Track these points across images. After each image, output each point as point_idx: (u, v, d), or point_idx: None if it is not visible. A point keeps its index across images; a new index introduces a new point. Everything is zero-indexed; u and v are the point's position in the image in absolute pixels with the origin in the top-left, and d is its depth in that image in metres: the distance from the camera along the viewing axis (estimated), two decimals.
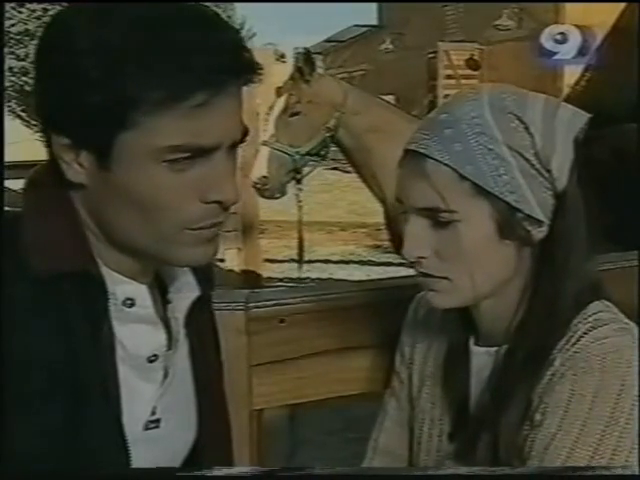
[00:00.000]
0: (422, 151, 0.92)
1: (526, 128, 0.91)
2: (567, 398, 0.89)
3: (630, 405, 0.88)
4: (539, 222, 0.93)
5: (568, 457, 0.87)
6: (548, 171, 0.92)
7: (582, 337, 0.91)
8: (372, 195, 3.23)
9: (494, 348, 0.99)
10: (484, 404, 0.98)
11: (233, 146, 0.80)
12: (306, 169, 3.17)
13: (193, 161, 0.77)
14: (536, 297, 0.96)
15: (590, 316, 0.93)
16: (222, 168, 0.79)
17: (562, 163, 0.92)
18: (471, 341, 1.03)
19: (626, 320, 0.94)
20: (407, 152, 0.95)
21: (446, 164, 0.90)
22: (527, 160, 0.91)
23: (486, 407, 0.97)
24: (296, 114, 3.01)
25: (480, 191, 0.91)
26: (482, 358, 1.00)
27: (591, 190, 0.95)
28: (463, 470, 0.87)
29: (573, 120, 0.94)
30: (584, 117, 0.95)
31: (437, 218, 0.93)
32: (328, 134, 3.07)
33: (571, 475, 0.74)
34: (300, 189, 3.16)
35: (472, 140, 0.90)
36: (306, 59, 3.03)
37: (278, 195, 3.16)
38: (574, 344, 0.91)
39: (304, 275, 6.27)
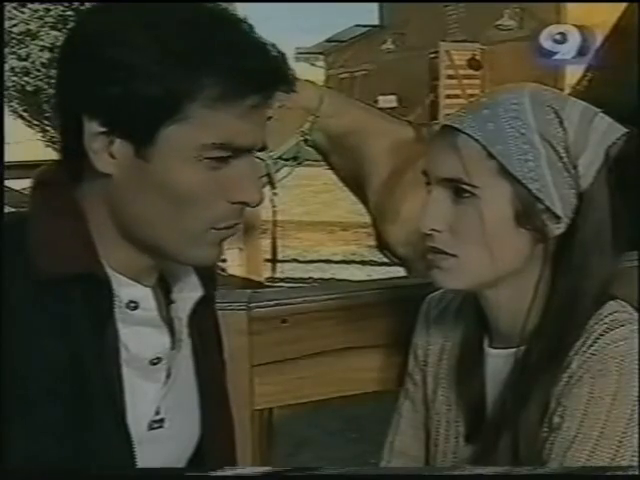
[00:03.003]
0: (456, 125, 0.94)
1: (561, 122, 0.93)
2: (586, 401, 0.89)
3: None
4: (558, 218, 0.94)
5: (588, 459, 0.88)
6: (575, 167, 0.93)
7: (598, 339, 0.91)
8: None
9: (512, 350, 0.99)
10: (503, 406, 0.98)
11: (258, 150, 0.84)
12: (281, 174, 3.16)
13: (227, 161, 0.79)
14: (554, 298, 0.96)
15: (606, 317, 0.93)
16: (250, 170, 0.82)
17: (590, 163, 0.93)
18: (485, 343, 1.03)
19: None
20: (443, 127, 0.96)
21: (477, 139, 0.92)
22: (556, 152, 0.92)
23: (505, 409, 0.97)
24: (267, 119, 2.99)
25: (504, 172, 0.92)
26: (498, 360, 1.00)
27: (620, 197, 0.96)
28: (467, 470, 0.88)
29: (609, 130, 0.95)
30: (620, 130, 0.95)
31: (458, 191, 0.94)
32: (302, 138, 3.06)
33: (571, 475, 0.75)
34: (275, 193, 3.14)
35: (506, 122, 0.92)
36: None
37: None
38: (590, 346, 0.91)
39: (306, 275, 6.31)
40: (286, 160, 3.12)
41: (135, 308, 0.84)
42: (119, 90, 0.75)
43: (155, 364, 0.87)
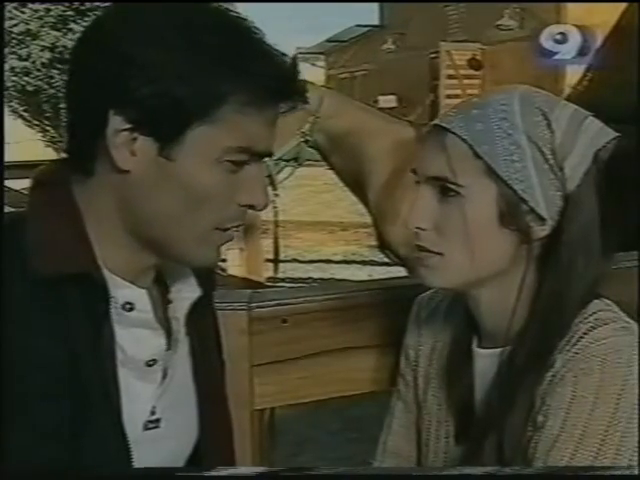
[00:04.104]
0: (445, 125, 0.94)
1: (549, 124, 0.93)
2: (568, 400, 0.89)
3: (632, 405, 0.88)
4: (542, 220, 0.94)
5: (571, 459, 0.88)
6: (561, 169, 0.93)
7: (582, 338, 0.91)
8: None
9: (498, 350, 0.99)
10: (489, 406, 0.98)
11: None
12: (282, 175, 3.15)
13: (243, 164, 0.81)
14: (539, 300, 0.96)
15: (590, 315, 0.93)
16: (260, 175, 0.84)
17: (577, 165, 0.93)
18: (474, 343, 1.03)
19: (627, 319, 0.95)
20: (433, 126, 0.97)
21: (464, 139, 0.92)
22: (542, 153, 0.92)
23: (491, 409, 0.97)
24: None
25: (490, 173, 0.92)
26: (486, 360, 1.00)
27: (611, 199, 0.96)
28: (466, 470, 0.88)
29: (599, 134, 0.95)
30: (611, 134, 0.95)
31: (444, 191, 0.94)
32: (302, 139, 3.05)
33: (571, 475, 0.75)
34: (276, 195, 3.14)
35: (494, 123, 0.93)
36: None
37: None
38: (574, 345, 0.91)
39: (306, 275, 6.31)
40: (287, 161, 3.12)
41: (131, 309, 0.84)
42: (151, 89, 0.76)
43: (151, 365, 0.87)
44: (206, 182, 0.80)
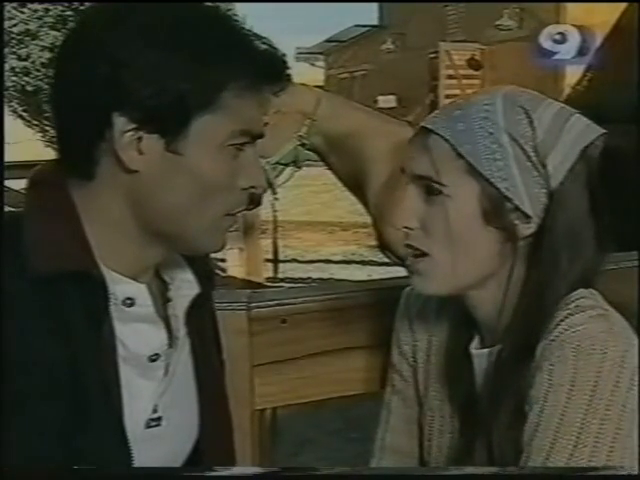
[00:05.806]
0: (429, 126, 0.96)
1: (530, 122, 0.93)
2: (545, 388, 0.90)
3: (609, 392, 0.88)
4: (528, 217, 0.94)
5: (551, 447, 0.88)
6: (544, 166, 0.93)
7: (559, 325, 0.91)
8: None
9: (491, 348, 0.99)
10: (483, 404, 0.99)
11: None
12: (281, 178, 3.15)
13: (242, 148, 0.84)
14: (523, 297, 0.96)
15: (571, 302, 0.93)
16: (256, 157, 0.87)
17: (560, 163, 0.93)
18: (472, 343, 1.03)
19: (607, 307, 0.94)
20: (420, 128, 0.99)
21: (446, 139, 0.94)
22: (524, 151, 0.93)
23: (484, 407, 0.98)
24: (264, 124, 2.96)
25: (473, 172, 0.93)
26: (483, 359, 1.01)
27: (605, 197, 0.96)
28: (467, 470, 0.88)
29: (585, 131, 0.95)
30: (598, 132, 0.96)
31: (429, 190, 0.96)
32: (299, 142, 3.05)
33: (571, 476, 0.75)
34: (276, 198, 3.14)
35: (475, 123, 0.94)
36: None
37: (251, 206, 3.11)
38: (551, 332, 0.91)
39: (306, 275, 6.31)
40: (285, 165, 3.11)
41: (131, 305, 0.85)
42: (150, 90, 0.78)
43: (154, 360, 0.87)
44: (214, 170, 0.82)
